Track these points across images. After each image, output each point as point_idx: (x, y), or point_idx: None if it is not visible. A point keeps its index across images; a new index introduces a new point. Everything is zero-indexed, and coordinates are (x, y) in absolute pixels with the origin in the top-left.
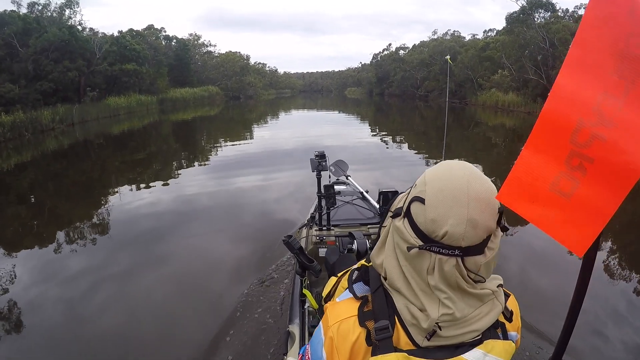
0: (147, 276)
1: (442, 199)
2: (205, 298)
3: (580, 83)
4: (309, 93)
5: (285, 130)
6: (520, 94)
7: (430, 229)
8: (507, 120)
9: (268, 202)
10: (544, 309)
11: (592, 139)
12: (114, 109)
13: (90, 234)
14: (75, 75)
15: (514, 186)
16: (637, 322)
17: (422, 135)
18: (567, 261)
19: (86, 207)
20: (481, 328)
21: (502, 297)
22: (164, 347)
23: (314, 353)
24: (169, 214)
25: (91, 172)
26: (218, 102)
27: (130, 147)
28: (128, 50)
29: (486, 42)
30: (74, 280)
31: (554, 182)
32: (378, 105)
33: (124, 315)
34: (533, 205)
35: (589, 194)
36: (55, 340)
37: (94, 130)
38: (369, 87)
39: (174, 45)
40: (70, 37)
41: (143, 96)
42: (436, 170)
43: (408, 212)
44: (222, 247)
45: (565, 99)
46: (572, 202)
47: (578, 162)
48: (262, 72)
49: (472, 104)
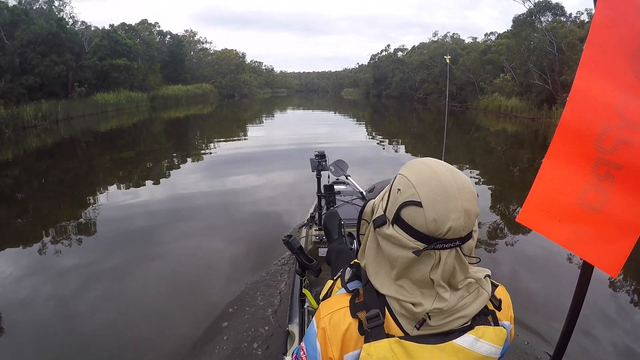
0: (141, 274)
1: (437, 198)
2: (204, 297)
3: (598, 85)
4: (305, 93)
5: (280, 130)
6: (523, 99)
7: (433, 228)
8: (509, 126)
9: (262, 202)
10: (540, 311)
11: (618, 144)
12: (102, 106)
13: (78, 233)
14: (62, 69)
15: (537, 204)
16: (633, 325)
17: (419, 138)
18: (560, 265)
19: (73, 206)
20: (469, 314)
21: (488, 286)
22: (164, 347)
23: (309, 346)
24: (161, 213)
25: (78, 170)
26: (212, 100)
27: (119, 145)
28: (119, 44)
29: (487, 45)
30: (60, 280)
31: (581, 195)
32: (375, 106)
33: (115, 314)
34: (560, 224)
35: (620, 205)
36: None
37: (79, 127)
38: (366, 88)
39: (168, 41)
40: (58, 29)
41: (133, 93)
42: (417, 171)
43: (398, 218)
44: (218, 246)
45: (586, 102)
46: (603, 216)
47: (605, 171)
48: (258, 71)
49: (474, 108)
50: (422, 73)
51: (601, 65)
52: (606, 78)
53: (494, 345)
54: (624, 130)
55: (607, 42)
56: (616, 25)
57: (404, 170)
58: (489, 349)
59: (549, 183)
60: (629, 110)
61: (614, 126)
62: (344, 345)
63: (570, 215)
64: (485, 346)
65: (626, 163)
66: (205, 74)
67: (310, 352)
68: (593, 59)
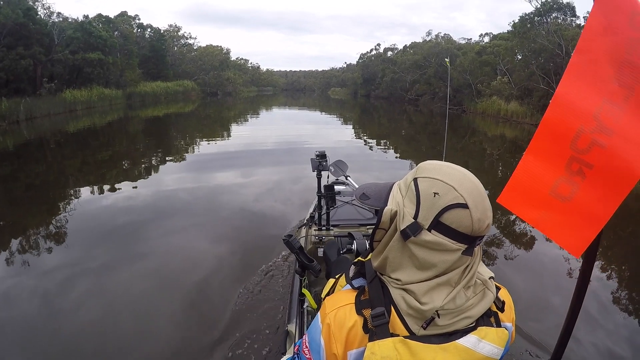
0: (128, 274)
1: (477, 198)
2: (205, 297)
3: (580, 91)
4: (292, 92)
5: (266, 130)
6: (523, 103)
7: (478, 227)
8: (508, 131)
9: (249, 202)
10: (538, 314)
11: (591, 146)
12: (71, 104)
13: (49, 241)
14: (29, 63)
15: (515, 190)
16: (632, 325)
17: (411, 141)
18: (559, 268)
19: (44, 212)
20: (475, 315)
21: (493, 287)
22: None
23: (312, 341)
24: (144, 211)
25: (46, 175)
26: (194, 98)
27: (94, 146)
28: (93, 37)
29: (482, 46)
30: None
31: (554, 186)
32: (363, 106)
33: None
34: (533, 208)
35: (588, 198)
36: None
37: (43, 129)
38: (354, 87)
39: (149, 35)
40: (26, 20)
41: (107, 90)
42: (449, 174)
43: (438, 223)
44: (214, 247)
45: (566, 107)
46: (571, 205)
47: (578, 167)
48: (244, 69)
49: (470, 112)
50: (414, 73)
51: (587, 72)
52: (590, 85)
53: (496, 346)
54: (598, 134)
55: (597, 50)
56: (607, 33)
57: (428, 173)
58: (491, 350)
59: (527, 172)
60: (606, 116)
61: (588, 130)
62: (348, 342)
63: (543, 201)
64: (487, 347)
65: (597, 163)
66: (187, 70)
67: (314, 347)
68: (580, 65)
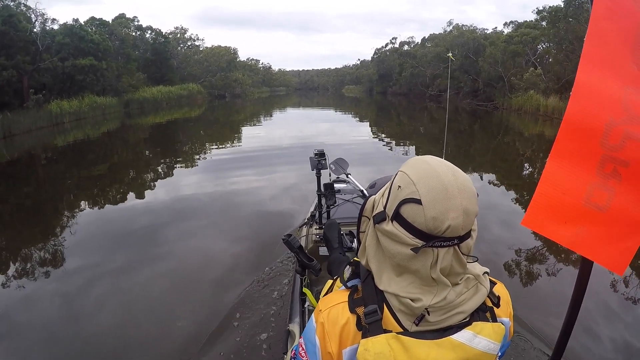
0: (143, 274)
1: (437, 196)
2: (203, 297)
3: (601, 78)
4: (305, 91)
5: (281, 128)
6: (563, 97)
7: (432, 226)
8: (548, 130)
9: (263, 202)
10: (539, 308)
11: (624, 140)
12: (57, 116)
13: (69, 246)
14: (13, 74)
15: (542, 207)
16: (633, 320)
17: (434, 141)
18: (560, 261)
19: (40, 233)
20: (468, 310)
21: (486, 282)
22: (167, 346)
23: (308, 341)
24: (162, 215)
25: (36, 195)
26: (200, 102)
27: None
28: (84, 41)
29: (509, 35)
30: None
31: (588, 194)
32: (380, 104)
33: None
34: (566, 226)
35: (627, 203)
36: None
37: (25, 146)
38: (369, 85)
39: (151, 38)
40: (7, 27)
41: (100, 98)
42: (418, 169)
43: (398, 215)
44: (218, 247)
45: (590, 97)
46: (609, 215)
47: (612, 168)
48: (255, 69)
49: (504, 108)
50: (438, 67)
51: (603, 57)
52: (609, 70)
53: (492, 341)
54: (630, 125)
55: (607, 33)
56: (615, 15)
57: (405, 167)
58: (487, 345)
59: (554, 184)
60: (633, 103)
61: (619, 121)
62: (341, 340)
63: (577, 216)
64: (483, 342)
65: (633, 159)
66: (193, 73)
67: (310, 348)
68: (594, 51)
